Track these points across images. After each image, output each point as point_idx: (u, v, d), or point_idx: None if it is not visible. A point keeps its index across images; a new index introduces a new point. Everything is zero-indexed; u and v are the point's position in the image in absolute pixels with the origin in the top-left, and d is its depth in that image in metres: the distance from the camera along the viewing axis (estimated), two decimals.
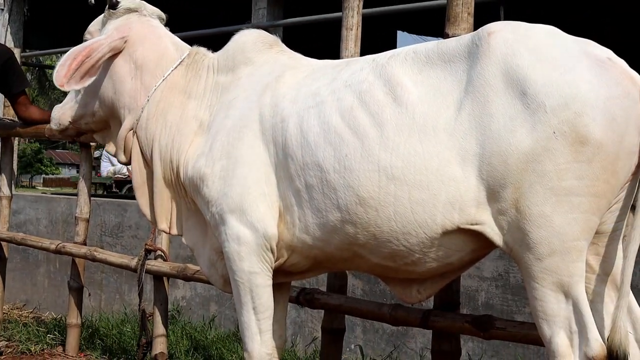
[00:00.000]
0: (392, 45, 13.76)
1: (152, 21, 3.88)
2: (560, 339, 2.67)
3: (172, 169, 3.59)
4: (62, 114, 4.03)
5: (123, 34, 3.74)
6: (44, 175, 64.42)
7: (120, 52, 3.73)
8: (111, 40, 3.71)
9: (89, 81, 3.66)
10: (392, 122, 2.91)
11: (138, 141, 3.72)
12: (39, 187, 56.80)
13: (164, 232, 3.77)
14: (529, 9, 6.44)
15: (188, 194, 3.55)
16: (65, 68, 3.61)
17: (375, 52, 3.36)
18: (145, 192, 3.75)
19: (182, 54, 3.79)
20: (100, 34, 3.81)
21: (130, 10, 3.82)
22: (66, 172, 72.30)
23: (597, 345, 2.64)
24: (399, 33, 14.13)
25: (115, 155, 3.92)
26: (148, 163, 3.72)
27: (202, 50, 3.83)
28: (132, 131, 3.73)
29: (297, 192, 3.14)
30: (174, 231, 3.69)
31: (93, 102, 3.86)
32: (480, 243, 2.86)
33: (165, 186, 3.64)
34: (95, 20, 3.95)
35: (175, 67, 3.73)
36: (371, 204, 2.93)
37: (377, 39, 11.40)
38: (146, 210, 3.75)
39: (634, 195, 2.73)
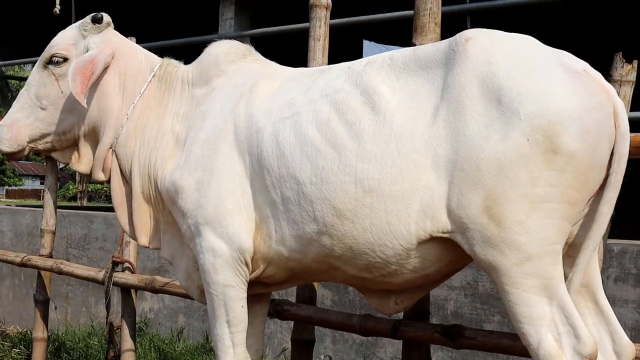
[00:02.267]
0: (358, 54, 13.78)
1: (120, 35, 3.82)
2: (549, 342, 2.64)
3: (150, 183, 3.54)
4: (17, 133, 3.67)
5: (112, 49, 3.64)
6: (6, 187, 63.72)
7: (106, 68, 3.61)
8: (105, 55, 3.60)
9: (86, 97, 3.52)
10: (369, 132, 2.88)
11: (117, 159, 3.64)
12: (2, 199, 56.21)
13: (145, 247, 3.69)
14: (495, 19, 6.48)
15: (166, 207, 3.50)
16: (79, 84, 3.43)
17: (340, 61, 3.34)
18: (125, 209, 3.68)
19: (153, 66, 3.72)
20: (76, 49, 3.67)
21: (108, 24, 3.72)
22: (29, 184, 71.59)
23: (590, 342, 2.62)
24: (365, 42, 14.15)
25: (89, 174, 3.76)
26: (127, 180, 3.66)
27: (174, 61, 3.76)
28: (110, 149, 3.65)
29: (274, 204, 3.10)
30: (153, 245, 3.64)
31: (68, 119, 3.65)
32: (456, 253, 2.84)
33: (144, 202, 3.59)
34: (65, 33, 3.75)
35: (149, 81, 3.67)
36: (347, 216, 2.90)
37: (343, 48, 11.43)
38: (126, 226, 3.68)
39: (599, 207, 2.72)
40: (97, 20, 3.67)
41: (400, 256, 2.87)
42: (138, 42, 3.92)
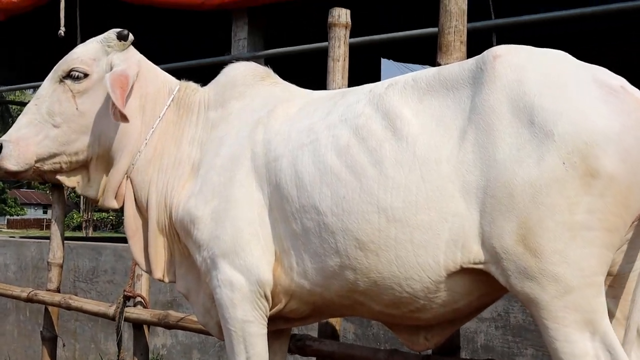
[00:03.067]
0: (376, 73, 13.82)
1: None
2: None
3: (165, 213, 3.52)
4: (25, 151, 3.56)
5: (137, 68, 3.59)
6: (8, 217, 63.98)
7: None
8: (134, 72, 3.54)
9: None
10: (391, 158, 2.87)
11: (132, 186, 3.60)
12: (4, 229, 56.42)
13: (160, 280, 3.66)
14: (523, 35, 6.49)
15: (181, 238, 3.49)
16: (120, 97, 3.37)
17: (359, 81, 3.34)
18: (139, 239, 3.63)
19: (172, 88, 3.70)
20: (98, 65, 3.60)
21: (131, 42, 3.67)
22: (32, 213, 71.87)
23: None
24: (383, 61, 14.18)
25: (100, 201, 3.70)
26: (141, 209, 3.62)
27: (192, 84, 3.75)
28: (125, 175, 3.60)
29: (294, 235, 3.09)
30: (168, 278, 3.61)
31: (82, 140, 3.59)
32: (488, 285, 2.81)
33: (159, 233, 3.55)
34: (86, 47, 3.66)
35: (169, 105, 3.64)
36: (371, 248, 2.88)
37: (360, 67, 11.47)
38: (140, 259, 3.63)
39: None
40: (122, 37, 3.62)
41: (429, 290, 2.85)
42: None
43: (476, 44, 4.01)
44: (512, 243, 2.64)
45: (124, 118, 3.38)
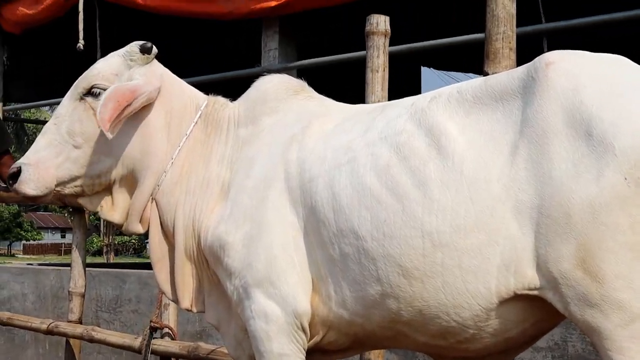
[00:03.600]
0: (416, 83, 13.81)
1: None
2: None
3: (193, 238, 3.51)
4: (45, 174, 3.57)
5: (159, 83, 3.58)
6: (24, 242, 64.59)
7: (151, 104, 3.55)
8: (152, 88, 3.53)
9: (116, 131, 3.45)
10: (436, 178, 2.85)
11: (158, 209, 3.60)
12: (20, 255, 57.00)
13: (187, 310, 3.66)
14: (575, 40, 6.44)
15: (210, 265, 3.48)
16: (109, 111, 3.36)
17: (397, 92, 3.33)
18: (164, 266, 3.64)
19: (200, 104, 3.69)
20: (119, 80, 3.58)
21: (155, 56, 3.65)
22: (49, 237, 72.48)
23: None
24: (423, 69, 14.18)
25: (124, 226, 3.69)
26: (167, 234, 3.62)
27: (221, 99, 3.74)
28: (150, 197, 3.60)
29: (332, 261, 3.08)
30: (197, 308, 3.61)
31: (104, 161, 3.58)
32: (544, 312, 2.79)
33: (186, 259, 3.54)
34: (107, 62, 3.67)
35: (196, 122, 3.63)
36: (415, 275, 2.86)
37: (399, 76, 11.46)
38: (166, 287, 3.63)
39: None
40: (145, 50, 3.61)
41: (479, 318, 2.83)
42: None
43: (526, 51, 3.99)
44: (570, 267, 2.62)
45: (106, 133, 3.35)
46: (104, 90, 3.52)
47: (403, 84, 11.74)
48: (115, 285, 7.77)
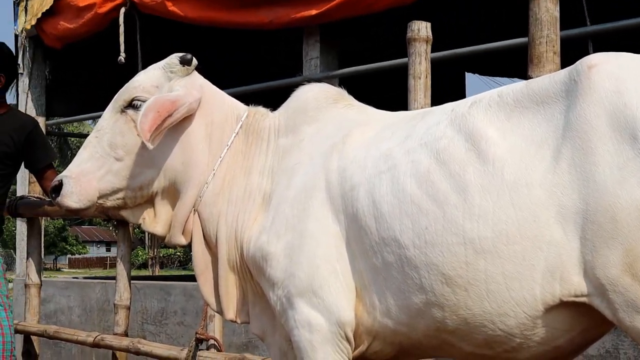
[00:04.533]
0: (460, 89, 13.78)
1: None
2: None
3: (236, 249, 3.53)
4: (88, 187, 3.62)
5: (200, 94, 3.61)
6: (69, 256, 65.21)
7: (191, 115, 3.58)
8: (193, 99, 3.56)
9: (157, 142, 3.48)
10: (476, 184, 2.85)
11: (200, 220, 3.62)
12: (65, 269, 57.53)
13: (232, 321, 3.68)
14: (622, 43, 6.39)
15: (253, 276, 3.51)
16: (149, 121, 3.39)
17: (441, 98, 3.33)
18: (209, 278, 3.66)
19: (240, 114, 3.72)
20: (160, 93, 3.60)
21: (195, 67, 3.68)
22: (94, 251, 73.09)
23: None
24: (468, 75, 14.15)
25: (167, 238, 3.73)
26: (210, 245, 3.64)
27: (261, 110, 3.77)
28: (192, 209, 3.64)
29: (375, 270, 3.09)
30: (241, 319, 3.63)
31: (146, 173, 3.62)
32: (593, 319, 2.78)
33: (230, 270, 3.57)
34: (147, 74, 3.71)
35: (237, 132, 3.66)
36: (459, 282, 2.86)
37: (443, 83, 11.44)
38: (211, 298, 3.66)
39: None
40: (185, 62, 3.64)
41: (525, 326, 2.83)
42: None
43: (571, 54, 3.97)
44: (618, 273, 2.61)
45: (147, 144, 3.39)
46: (145, 102, 3.55)
47: (447, 90, 11.75)
48: (161, 298, 7.83)
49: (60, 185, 3.62)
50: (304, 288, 3.23)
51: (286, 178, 3.43)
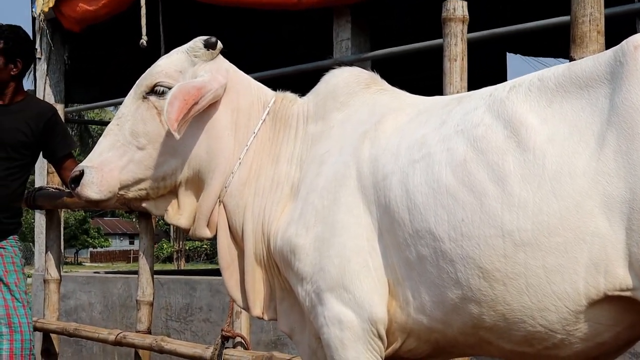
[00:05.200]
0: (501, 71, 13.71)
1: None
2: None
3: (263, 242, 3.54)
4: (109, 177, 3.63)
5: (225, 80, 3.61)
6: (91, 249, 65.59)
7: (217, 101, 3.58)
8: (218, 85, 3.55)
9: (183, 131, 3.49)
10: (516, 173, 2.85)
11: (226, 211, 3.63)
12: (87, 264, 57.92)
13: (259, 318, 3.70)
14: None
15: (281, 271, 3.51)
16: (176, 110, 3.40)
17: (481, 81, 3.31)
18: (234, 272, 3.67)
19: (267, 100, 3.73)
20: (183, 77, 3.62)
21: (220, 51, 3.68)
22: (117, 244, 73.47)
23: None
24: (510, 56, 14.07)
25: (190, 231, 3.73)
26: (236, 238, 3.65)
27: (289, 95, 3.77)
28: (218, 200, 3.64)
29: (408, 264, 3.10)
30: (268, 316, 3.64)
31: (169, 162, 3.62)
32: (639, 314, 2.78)
33: (256, 264, 3.58)
34: (170, 58, 3.71)
35: (264, 119, 3.67)
36: (497, 276, 2.87)
37: (483, 64, 11.39)
38: (236, 294, 3.67)
39: None
40: (210, 46, 3.64)
41: (567, 321, 2.82)
42: (247, 72, 3.96)
43: (616, 34, 3.94)
44: None
45: (175, 131, 3.39)
46: (168, 88, 3.57)
47: (488, 71, 11.70)
48: (185, 293, 7.86)
49: (80, 175, 3.63)
50: (334, 283, 3.23)
51: (315, 167, 3.44)
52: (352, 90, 3.57)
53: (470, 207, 2.92)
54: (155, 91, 3.61)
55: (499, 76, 12.84)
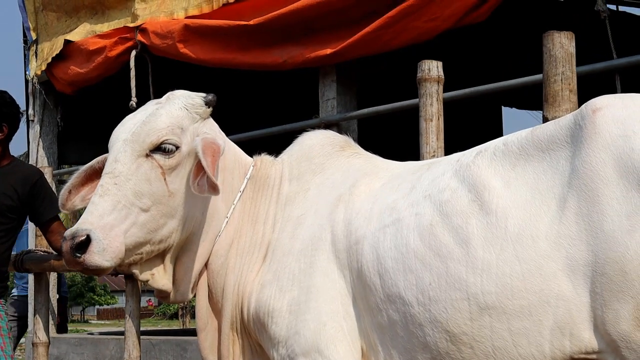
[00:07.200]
0: (497, 123, 13.72)
1: None
2: None
3: (237, 303, 3.49)
4: (118, 242, 3.38)
5: (224, 139, 3.60)
6: (97, 306, 65.27)
7: None
8: (223, 143, 3.53)
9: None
10: (479, 236, 2.86)
11: (208, 272, 3.58)
12: (93, 321, 57.64)
13: None
14: None
15: (251, 333, 3.48)
16: (212, 164, 3.32)
17: (479, 132, 3.31)
18: (209, 333, 3.61)
19: (246, 161, 3.72)
20: (185, 136, 3.50)
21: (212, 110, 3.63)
22: (123, 301, 72.98)
23: None
24: (504, 109, 14.10)
25: (172, 294, 3.63)
26: (215, 299, 3.59)
27: (267, 158, 3.78)
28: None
29: (380, 329, 3.09)
30: None
31: (169, 224, 3.49)
32: None
33: (232, 327, 3.53)
34: (171, 114, 3.52)
35: (248, 177, 3.65)
36: (464, 340, 2.86)
37: (478, 116, 11.42)
38: (210, 356, 3.61)
39: None
40: (210, 103, 3.58)
41: None
42: (230, 133, 3.95)
43: (595, 90, 3.93)
44: (629, 329, 2.60)
45: (214, 188, 3.29)
46: (174, 146, 3.46)
47: (484, 124, 11.73)
48: (177, 354, 7.81)
49: (86, 241, 3.36)
50: (309, 347, 3.23)
51: (291, 228, 3.44)
52: (327, 152, 3.60)
53: (436, 271, 2.92)
54: (161, 149, 3.47)
55: (495, 128, 12.84)
